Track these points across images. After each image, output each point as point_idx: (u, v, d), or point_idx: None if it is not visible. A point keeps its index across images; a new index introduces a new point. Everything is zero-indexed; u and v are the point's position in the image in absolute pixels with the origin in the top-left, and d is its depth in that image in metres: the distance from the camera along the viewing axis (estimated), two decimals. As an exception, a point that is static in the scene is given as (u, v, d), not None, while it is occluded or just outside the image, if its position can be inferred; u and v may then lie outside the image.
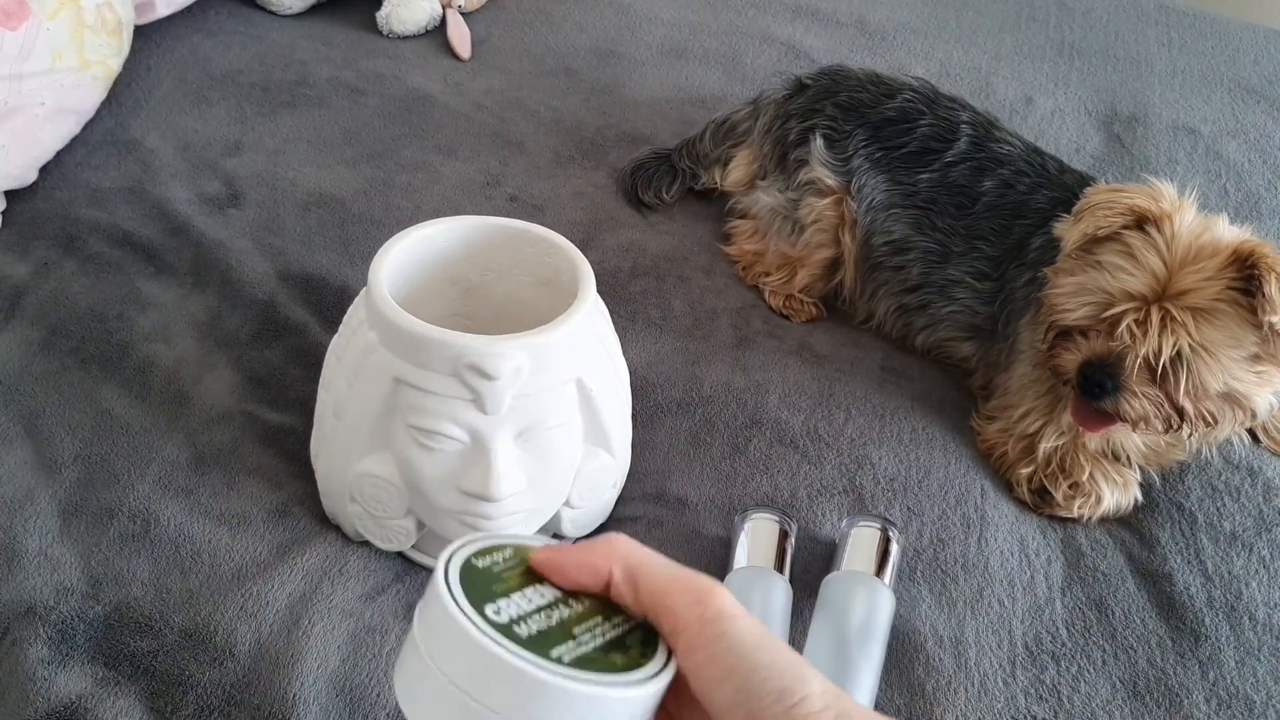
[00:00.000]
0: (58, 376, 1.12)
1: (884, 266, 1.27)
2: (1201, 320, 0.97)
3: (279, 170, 1.42)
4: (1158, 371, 0.99)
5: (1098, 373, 1.02)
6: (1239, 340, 0.98)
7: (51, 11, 1.33)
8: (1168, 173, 1.57)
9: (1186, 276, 0.98)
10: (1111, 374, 1.01)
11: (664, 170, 1.46)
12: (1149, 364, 0.99)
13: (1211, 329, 0.97)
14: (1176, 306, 0.97)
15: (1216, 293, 0.97)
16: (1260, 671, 0.97)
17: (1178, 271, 0.98)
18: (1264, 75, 1.83)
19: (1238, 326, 0.98)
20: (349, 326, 0.95)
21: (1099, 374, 1.02)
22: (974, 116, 1.27)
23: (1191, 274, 0.98)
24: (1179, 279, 0.98)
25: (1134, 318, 0.99)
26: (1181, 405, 1.01)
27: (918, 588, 1.01)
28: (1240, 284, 0.97)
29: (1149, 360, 0.99)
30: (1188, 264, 0.98)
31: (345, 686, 0.89)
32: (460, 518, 0.92)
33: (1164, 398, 1.01)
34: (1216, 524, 1.08)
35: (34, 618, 0.90)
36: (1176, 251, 0.99)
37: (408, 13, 1.71)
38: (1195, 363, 0.98)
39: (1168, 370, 0.99)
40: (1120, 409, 1.02)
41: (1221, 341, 0.98)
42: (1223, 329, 0.98)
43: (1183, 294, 0.98)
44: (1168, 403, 1.01)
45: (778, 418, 1.16)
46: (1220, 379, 0.99)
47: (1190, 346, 0.97)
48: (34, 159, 1.32)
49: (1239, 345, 0.98)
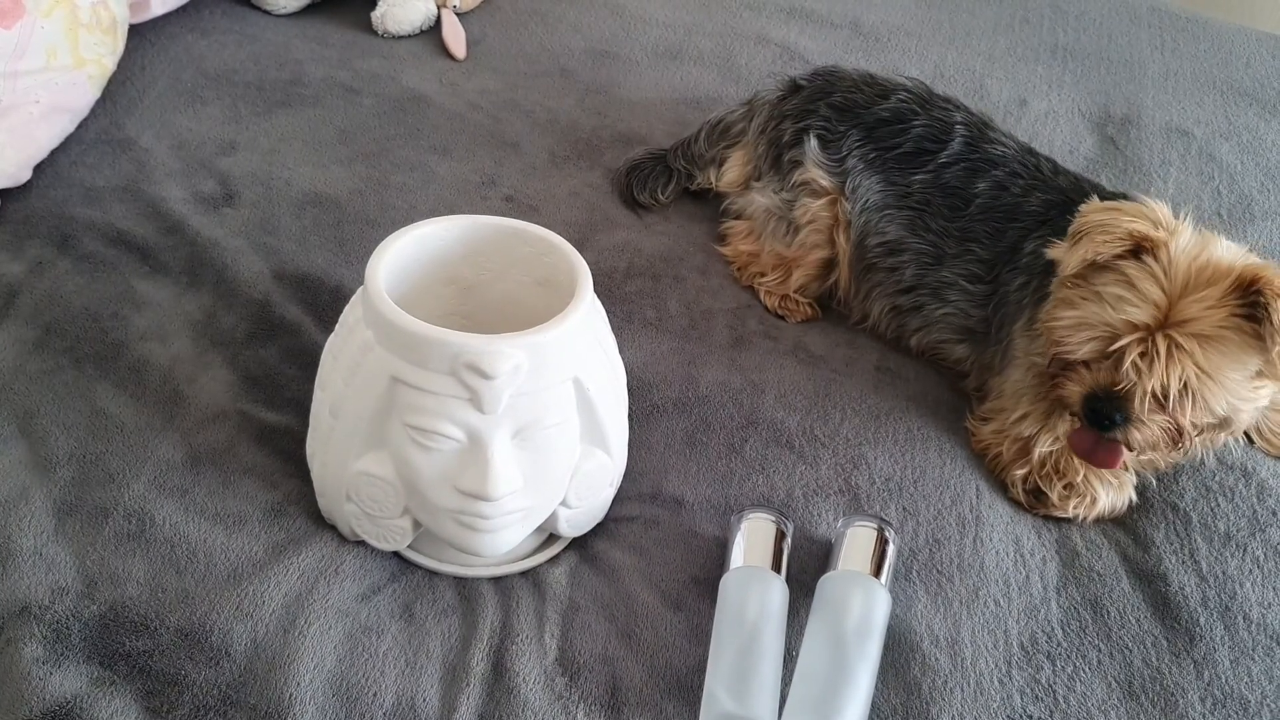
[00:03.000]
0: (52, 375, 1.11)
1: (878, 268, 1.27)
2: (1207, 347, 0.97)
3: (274, 169, 1.42)
4: (1166, 402, 0.99)
5: (1104, 406, 1.01)
6: (1243, 363, 0.98)
7: (46, 10, 1.33)
8: (1161, 174, 1.58)
9: (1189, 305, 0.97)
10: (1119, 407, 1.00)
11: (659, 171, 1.46)
12: (1157, 396, 0.99)
13: (1217, 355, 0.97)
14: (1181, 334, 0.97)
15: (1221, 320, 0.97)
16: (1255, 671, 0.97)
17: (1179, 300, 0.98)
18: (1256, 78, 1.84)
19: (1242, 350, 0.98)
20: (345, 325, 0.95)
21: (1106, 407, 1.01)
22: (968, 117, 1.27)
23: (1194, 303, 0.97)
24: (1181, 307, 0.97)
25: (1139, 350, 0.98)
26: (1184, 427, 1.00)
27: (913, 588, 1.01)
28: (1244, 309, 0.97)
29: (1157, 392, 0.98)
30: (1189, 291, 0.98)
31: (341, 686, 0.89)
32: (457, 517, 0.92)
33: (1170, 421, 1.00)
34: (1211, 524, 1.09)
35: (29, 617, 0.90)
36: (1176, 279, 0.98)
37: (403, 12, 1.71)
38: (1201, 390, 0.98)
39: (1175, 397, 0.98)
40: (1130, 439, 1.02)
41: (1226, 366, 0.98)
42: (1227, 354, 0.97)
43: (1186, 322, 0.97)
44: (1173, 426, 1.01)
45: (774, 418, 1.16)
46: (1224, 402, 0.99)
47: (1197, 375, 0.97)
48: (28, 157, 1.31)
49: (1243, 367, 0.98)
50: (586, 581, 1.00)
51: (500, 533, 0.94)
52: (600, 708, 0.91)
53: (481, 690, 0.90)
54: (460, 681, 0.91)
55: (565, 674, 0.93)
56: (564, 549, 1.04)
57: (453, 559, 1.00)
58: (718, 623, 0.95)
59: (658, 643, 0.96)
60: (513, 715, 0.89)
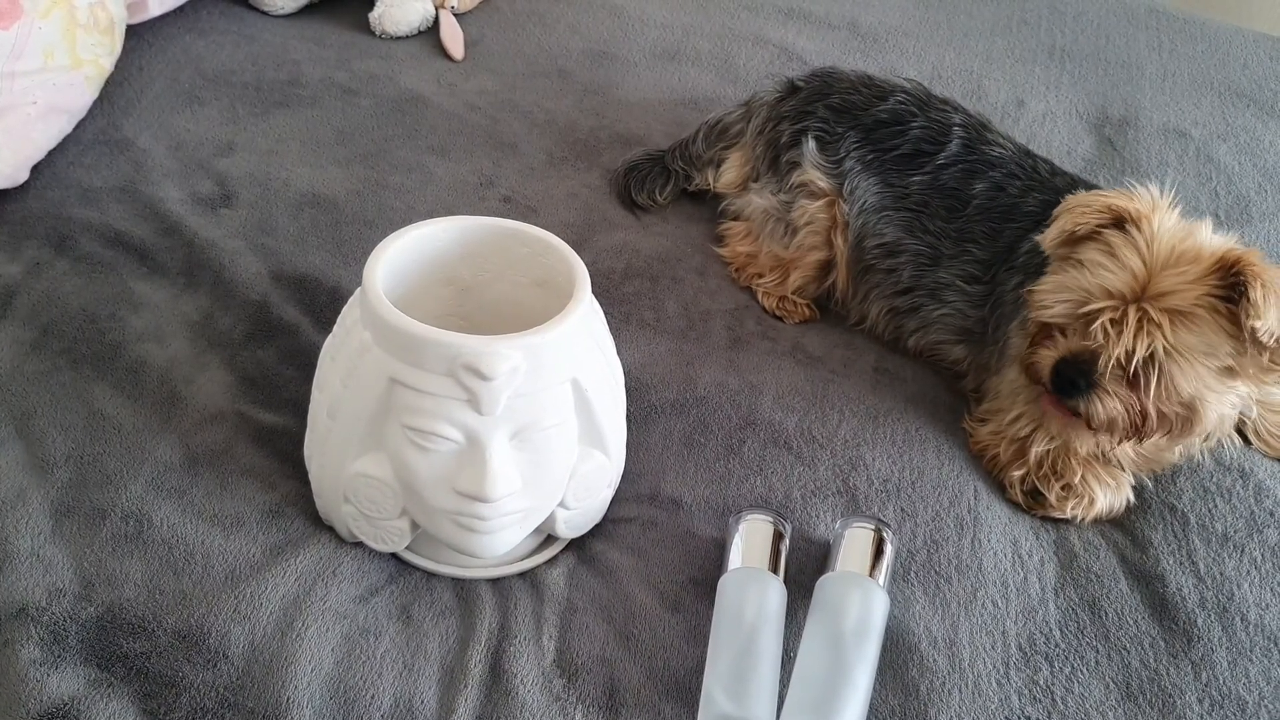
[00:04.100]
0: (49, 377, 1.11)
1: (876, 269, 1.27)
2: (1179, 323, 0.97)
3: (272, 170, 1.42)
4: (1130, 372, 0.99)
5: (1071, 370, 1.02)
6: (1214, 349, 0.98)
7: (44, 10, 1.33)
8: (1158, 175, 1.57)
9: (1167, 278, 0.98)
10: (1085, 372, 1.01)
11: (657, 171, 1.46)
12: (1121, 364, 0.99)
13: (1188, 333, 0.97)
14: (1155, 308, 0.97)
15: (1197, 297, 0.97)
16: (1252, 672, 0.97)
17: (1158, 272, 0.98)
18: (1253, 79, 1.84)
19: (1214, 334, 0.98)
20: (343, 326, 0.95)
21: (1073, 372, 1.01)
22: (966, 119, 1.27)
23: (1172, 276, 0.98)
24: (1159, 280, 0.98)
25: (1110, 316, 0.99)
26: (1147, 410, 1.00)
27: (911, 589, 1.01)
28: (1222, 292, 0.97)
29: (1122, 360, 0.99)
30: (1169, 266, 0.98)
31: (339, 688, 0.89)
32: (455, 518, 0.92)
33: (1134, 399, 1.01)
34: (1208, 525, 1.09)
35: (26, 619, 0.90)
36: (1158, 252, 0.99)
37: (400, 13, 1.71)
38: (1169, 365, 0.98)
39: (1139, 372, 0.99)
40: (1091, 409, 1.02)
41: (1197, 347, 0.98)
42: (1199, 335, 0.98)
43: (1162, 295, 0.98)
44: (1136, 406, 1.01)
45: (772, 419, 1.16)
46: (1192, 385, 0.99)
47: (1165, 349, 0.97)
48: (26, 158, 1.31)
49: (1213, 354, 0.99)
50: (584, 583, 1.00)
51: (498, 534, 0.94)
52: (598, 709, 0.91)
53: (479, 692, 0.90)
54: (458, 683, 0.91)
55: (563, 675, 0.93)
56: (562, 550, 1.04)
57: (451, 560, 0.99)
58: (716, 624, 0.95)
59: (656, 644, 0.96)
60: (511, 717, 0.89)
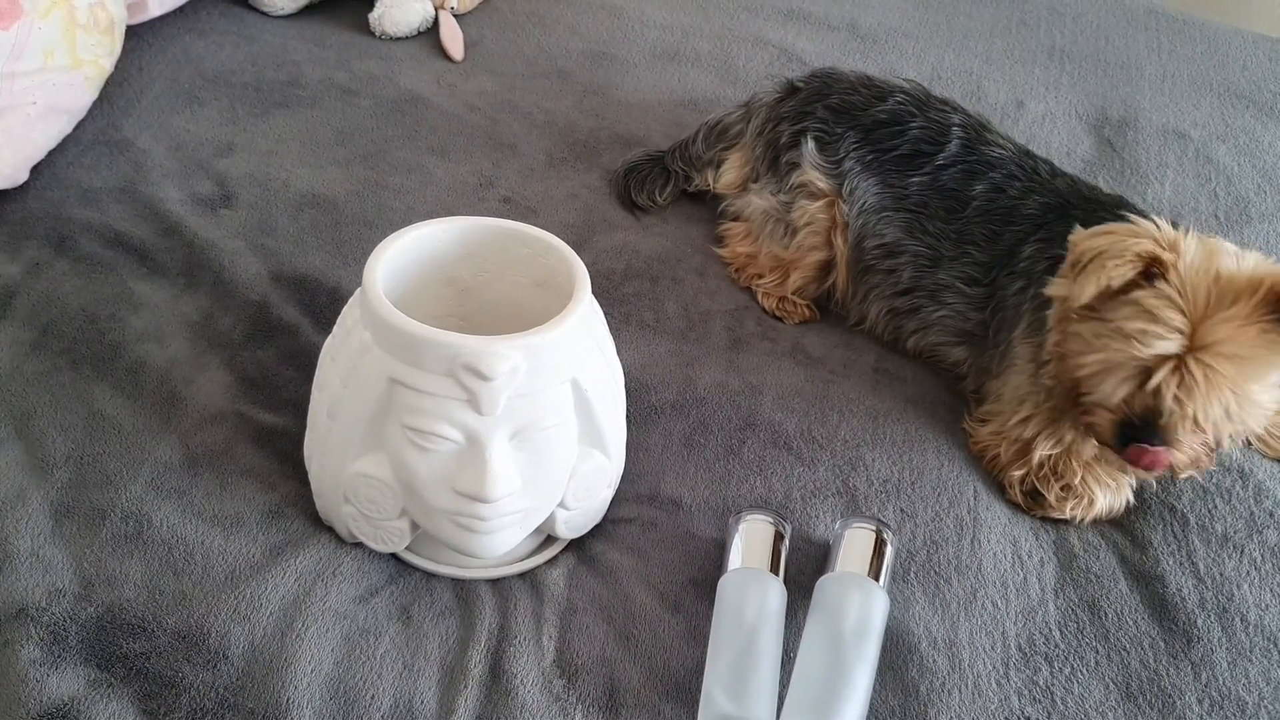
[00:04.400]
0: (49, 377, 1.11)
1: (875, 270, 1.27)
2: (1242, 366, 0.95)
3: (271, 171, 1.42)
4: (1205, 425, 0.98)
5: (1140, 432, 0.99)
6: (1273, 369, 0.97)
7: (44, 10, 1.32)
8: (1158, 177, 1.58)
9: (1218, 326, 0.95)
10: (1156, 433, 0.99)
11: (657, 172, 1.46)
12: (1198, 421, 0.97)
13: (1251, 370, 0.96)
14: (1212, 356, 0.95)
15: (1253, 339, 0.95)
16: (1252, 673, 0.97)
17: (1202, 321, 0.96)
18: (1253, 80, 1.84)
19: (1273, 360, 0.97)
20: (343, 327, 0.95)
21: (1141, 434, 0.99)
22: (965, 119, 1.27)
23: (1221, 324, 0.95)
24: (1207, 330, 0.95)
25: (1176, 381, 0.96)
26: (1222, 442, 1.00)
27: (911, 589, 1.01)
28: (1273, 318, 0.95)
29: (1200, 420, 0.97)
30: (1213, 311, 0.96)
31: (339, 688, 0.89)
32: (455, 518, 0.92)
33: (1207, 437, 1.00)
34: (1208, 526, 1.09)
35: (26, 619, 0.90)
36: (1196, 300, 0.96)
37: (400, 14, 1.71)
38: (1240, 410, 0.97)
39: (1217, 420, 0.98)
40: (1173, 460, 1.01)
41: (1260, 377, 0.97)
42: (1261, 367, 0.96)
43: (1216, 343, 0.95)
44: (1211, 441, 1.00)
45: (772, 419, 1.16)
46: (1259, 417, 0.99)
47: (1235, 396, 0.96)
48: (25, 158, 1.31)
49: (1272, 376, 0.98)
50: (584, 583, 1.00)
51: (498, 534, 0.94)
52: (598, 709, 0.91)
53: (479, 692, 0.90)
54: (458, 683, 0.91)
55: (563, 676, 0.93)
56: (562, 550, 1.04)
57: (450, 561, 0.99)
58: (716, 624, 0.95)
59: (656, 644, 0.96)
60: (510, 717, 0.89)
